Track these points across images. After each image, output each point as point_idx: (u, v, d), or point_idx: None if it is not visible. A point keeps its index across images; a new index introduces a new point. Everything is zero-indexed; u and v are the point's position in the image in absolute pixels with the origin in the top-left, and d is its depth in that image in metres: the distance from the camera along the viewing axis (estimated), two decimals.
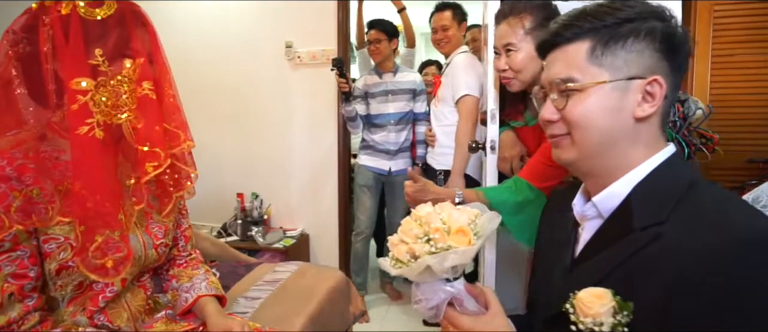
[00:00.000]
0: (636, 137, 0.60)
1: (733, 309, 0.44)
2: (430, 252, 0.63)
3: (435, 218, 0.67)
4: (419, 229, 0.66)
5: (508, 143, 1.37)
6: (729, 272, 0.44)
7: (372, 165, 2.41)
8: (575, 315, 0.57)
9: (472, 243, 0.62)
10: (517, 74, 1.16)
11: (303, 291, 1.35)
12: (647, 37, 0.59)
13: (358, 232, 2.42)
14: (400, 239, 0.69)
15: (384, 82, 2.37)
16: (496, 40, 1.19)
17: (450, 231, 0.65)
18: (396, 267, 0.67)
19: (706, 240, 0.47)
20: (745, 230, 0.46)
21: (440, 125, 2.14)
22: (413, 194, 1.11)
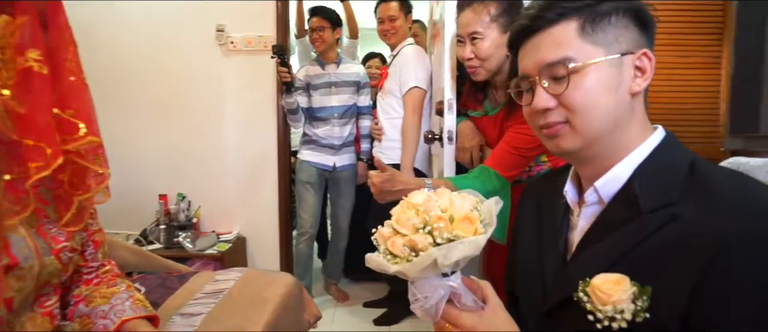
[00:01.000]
0: (632, 114, 0.59)
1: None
2: (435, 244, 0.56)
3: (433, 205, 0.60)
4: (418, 218, 0.59)
5: (468, 133, 1.35)
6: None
7: (315, 161, 2.28)
8: (591, 303, 0.54)
9: (479, 232, 0.56)
10: (483, 63, 1.14)
11: (253, 300, 1.19)
12: (627, 13, 0.58)
13: (302, 232, 2.27)
14: (395, 231, 0.61)
15: (327, 73, 2.26)
16: (461, 28, 1.16)
17: (453, 219, 0.58)
18: (393, 262, 0.59)
19: (736, 217, 0.46)
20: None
21: (388, 118, 2.09)
22: (380, 185, 1.03)
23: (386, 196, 1.05)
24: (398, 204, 0.66)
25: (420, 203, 0.62)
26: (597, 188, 0.61)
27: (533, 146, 1.12)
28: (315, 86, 2.26)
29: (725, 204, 0.48)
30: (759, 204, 0.47)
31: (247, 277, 1.34)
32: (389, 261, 0.59)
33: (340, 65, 2.29)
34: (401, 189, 1.05)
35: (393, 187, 1.04)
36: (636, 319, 0.50)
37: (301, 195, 2.29)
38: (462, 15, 1.15)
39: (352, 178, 2.38)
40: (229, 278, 1.33)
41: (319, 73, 2.26)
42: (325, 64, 2.27)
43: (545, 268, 0.68)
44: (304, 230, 2.27)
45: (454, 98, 1.40)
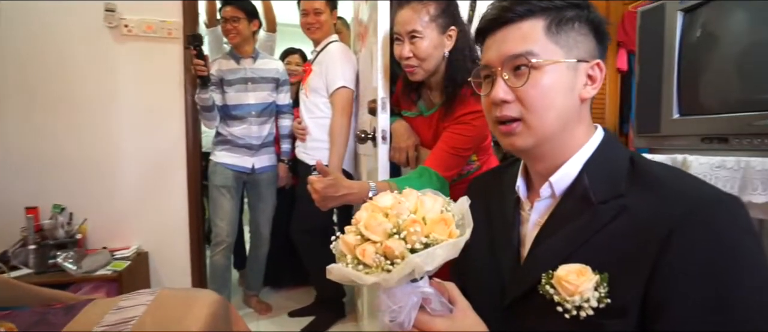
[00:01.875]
0: (579, 117, 0.63)
1: (727, 258, 0.49)
2: (412, 250, 0.52)
3: (404, 208, 0.57)
4: (390, 223, 0.55)
5: (403, 132, 1.35)
6: (714, 225, 0.49)
7: (232, 162, 2.08)
8: (558, 295, 0.56)
9: (454, 235, 0.54)
10: (422, 63, 1.14)
11: (171, 327, 1.02)
12: (587, 23, 0.62)
13: (218, 242, 2.05)
14: (363, 238, 0.56)
15: (242, 68, 2.08)
16: (399, 26, 1.15)
17: (426, 222, 0.55)
18: (366, 273, 0.54)
19: (679, 205, 0.51)
20: (708, 193, 0.52)
21: (313, 118, 2.00)
22: (323, 190, 0.97)
23: (329, 202, 0.99)
24: (361, 208, 0.62)
25: (389, 206, 0.58)
26: (551, 184, 0.64)
27: (469, 145, 1.16)
28: (229, 82, 2.06)
29: (668, 194, 0.54)
30: (695, 192, 0.53)
31: (161, 300, 1.15)
32: (362, 272, 0.54)
33: (257, 60, 2.12)
34: (345, 194, 1.00)
35: (336, 192, 0.98)
36: (600, 306, 0.54)
37: (216, 201, 2.07)
38: (400, 13, 1.13)
39: (272, 180, 2.23)
40: (137, 303, 1.12)
41: (234, 68, 2.07)
42: (241, 59, 2.08)
43: (500, 263, 0.70)
44: (220, 239, 2.05)
45: (387, 96, 1.39)
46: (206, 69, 1.83)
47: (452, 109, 1.17)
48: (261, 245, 2.26)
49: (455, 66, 1.14)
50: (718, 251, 0.49)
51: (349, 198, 1.01)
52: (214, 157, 2.10)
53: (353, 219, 0.61)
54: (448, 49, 1.15)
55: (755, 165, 0.76)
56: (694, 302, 0.49)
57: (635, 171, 0.59)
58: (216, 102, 2.04)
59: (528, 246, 0.66)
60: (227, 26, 1.99)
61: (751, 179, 0.76)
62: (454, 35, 1.15)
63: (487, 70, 0.65)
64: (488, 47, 0.66)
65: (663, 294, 0.50)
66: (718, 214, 0.50)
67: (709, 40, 0.88)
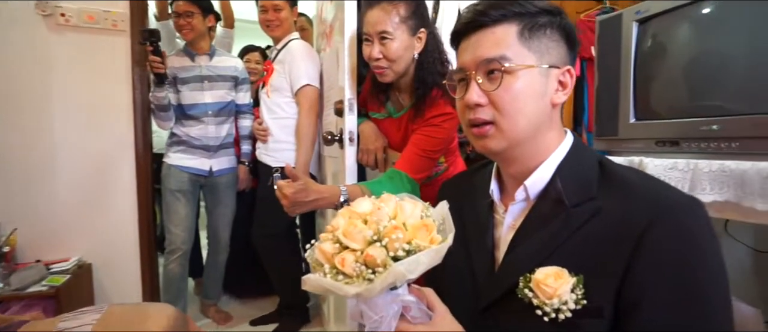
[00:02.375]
0: (550, 122, 0.65)
1: (692, 256, 0.51)
2: (395, 257, 0.51)
3: (384, 214, 0.55)
4: (370, 230, 0.53)
5: (371, 134, 1.33)
6: (680, 228, 0.52)
7: (187, 165, 1.96)
8: (537, 298, 0.57)
9: (436, 240, 0.53)
10: (392, 64, 1.13)
11: None
12: (559, 30, 0.64)
13: (173, 249, 1.92)
14: (342, 246, 0.54)
15: (197, 66, 1.96)
16: (369, 27, 1.13)
17: (407, 228, 0.54)
18: (347, 283, 0.51)
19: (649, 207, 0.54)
20: (673, 196, 0.55)
21: (275, 118, 1.93)
22: (293, 196, 0.93)
23: (298, 208, 0.96)
24: (337, 214, 0.59)
25: (368, 212, 0.56)
26: (526, 187, 0.65)
27: (440, 147, 1.16)
28: (183, 80, 1.94)
29: (637, 197, 0.56)
30: (663, 195, 0.55)
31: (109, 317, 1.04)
32: (342, 282, 0.52)
33: (214, 57, 2.01)
34: (315, 200, 0.96)
35: (306, 197, 0.95)
36: (577, 306, 0.55)
37: (170, 206, 1.94)
38: (370, 13, 1.11)
39: (232, 183, 2.13)
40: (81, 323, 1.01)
41: (188, 66, 1.95)
42: (196, 56, 1.97)
43: (475, 266, 0.70)
44: (175, 246, 1.92)
45: (354, 97, 1.36)
46: (163, 66, 1.71)
47: (422, 111, 1.17)
48: (220, 252, 2.15)
49: (425, 68, 1.14)
50: (687, 252, 0.51)
51: (319, 204, 0.98)
52: (167, 159, 1.97)
53: (329, 226, 0.59)
54: (418, 51, 1.15)
55: (703, 167, 0.82)
56: (666, 301, 0.51)
57: (605, 174, 0.62)
58: (173, 101, 1.92)
59: (502, 249, 0.67)
60: (180, 22, 1.87)
61: (700, 180, 0.82)
62: (423, 37, 1.15)
63: (461, 73, 0.66)
64: (463, 50, 0.66)
65: (636, 294, 0.52)
66: (686, 216, 0.53)
67: (660, 49, 0.94)
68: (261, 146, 2.02)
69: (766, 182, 0.71)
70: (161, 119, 1.91)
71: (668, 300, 0.51)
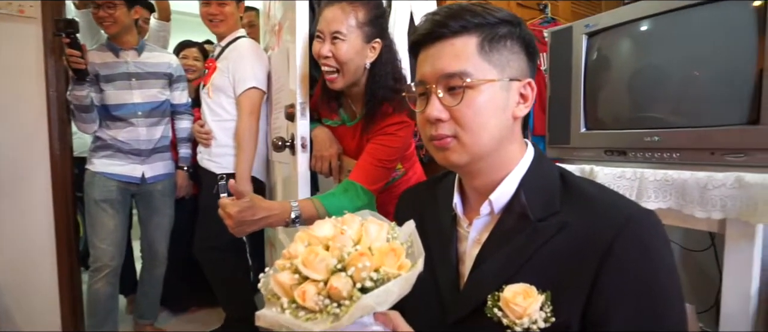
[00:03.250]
0: (512, 135, 0.64)
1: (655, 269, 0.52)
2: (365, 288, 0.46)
3: (347, 239, 0.50)
4: (333, 258, 0.48)
5: (325, 140, 1.27)
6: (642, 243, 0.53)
7: (115, 172, 1.76)
8: (507, 318, 0.55)
9: (405, 267, 0.50)
10: (342, 66, 1.08)
11: None
12: (519, 41, 0.62)
13: (99, 266, 1.71)
14: (301, 277, 0.48)
15: (123, 61, 1.76)
16: (324, 23, 1.07)
17: (374, 253, 0.50)
18: (307, 319, 0.46)
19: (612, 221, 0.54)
20: (634, 210, 0.56)
21: (218, 120, 1.79)
22: (238, 215, 0.85)
23: (245, 228, 0.87)
24: (294, 239, 0.53)
25: (330, 237, 0.51)
26: (491, 201, 0.63)
27: (395, 156, 1.13)
28: (108, 78, 1.73)
29: (601, 211, 0.56)
30: (624, 208, 0.56)
31: None
32: (303, 319, 0.46)
33: (144, 53, 1.82)
34: (264, 217, 0.89)
35: (254, 215, 0.87)
36: (545, 324, 0.54)
37: (95, 218, 1.72)
38: (328, 10, 1.06)
39: (169, 190, 1.94)
40: None
41: (113, 62, 1.74)
42: (121, 51, 1.76)
43: (439, 281, 0.67)
44: (101, 263, 1.71)
45: (306, 101, 1.29)
46: (83, 62, 1.50)
47: (374, 120, 1.13)
48: (156, 266, 1.95)
49: (377, 81, 1.10)
50: (649, 264, 0.52)
51: (269, 221, 0.90)
52: (91, 166, 1.75)
53: (285, 252, 0.53)
54: (370, 61, 1.10)
55: (648, 176, 0.86)
56: (633, 313, 0.51)
57: (566, 187, 0.62)
58: (96, 101, 1.70)
59: (468, 264, 0.65)
60: (100, 13, 1.66)
61: (646, 188, 0.86)
62: (377, 48, 1.11)
63: (421, 86, 0.63)
64: (422, 61, 0.64)
65: (603, 308, 0.52)
66: (645, 229, 0.54)
67: (607, 62, 0.98)
68: (203, 150, 1.86)
69: (704, 191, 0.76)
70: (83, 121, 1.69)
71: (635, 311, 0.52)
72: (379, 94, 1.10)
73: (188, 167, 2.02)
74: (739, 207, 0.72)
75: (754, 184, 0.70)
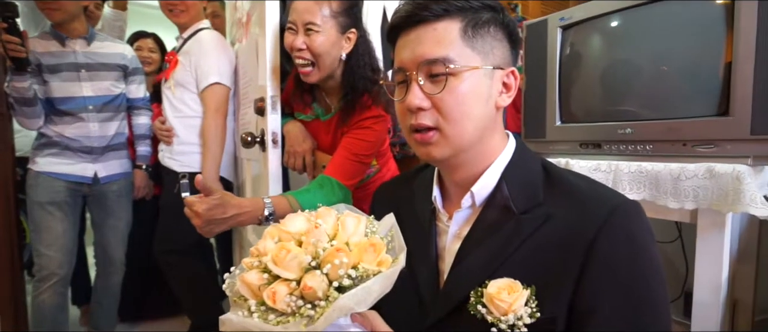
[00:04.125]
0: (495, 126, 0.62)
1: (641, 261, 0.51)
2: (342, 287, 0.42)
3: (322, 233, 0.46)
4: (307, 255, 0.43)
5: (298, 135, 1.22)
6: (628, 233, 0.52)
7: (63, 171, 1.62)
8: (491, 315, 0.53)
9: (386, 263, 0.46)
10: (317, 59, 1.04)
11: None
12: (502, 27, 0.60)
13: (45, 275, 1.56)
14: (272, 276, 0.43)
15: (70, 51, 1.62)
16: (296, 15, 1.02)
17: (351, 248, 0.46)
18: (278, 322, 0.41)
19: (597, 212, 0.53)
20: (619, 201, 0.54)
21: (180, 117, 1.68)
22: (207, 213, 0.79)
23: (215, 227, 0.81)
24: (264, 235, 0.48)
25: (303, 232, 0.46)
26: (473, 194, 0.61)
27: (371, 151, 1.10)
28: (52, 68, 1.58)
29: (584, 201, 0.55)
30: (609, 199, 0.55)
31: None
32: (273, 322, 0.41)
33: (94, 42, 1.68)
34: (234, 216, 0.83)
35: (224, 213, 0.81)
36: (532, 320, 0.52)
37: (41, 223, 1.57)
38: (300, 2, 1.02)
39: (125, 191, 1.80)
40: None
41: (58, 51, 1.59)
42: (67, 40, 1.61)
43: (419, 278, 0.65)
44: (49, 272, 1.56)
45: (277, 95, 1.23)
46: (24, 51, 1.36)
47: (351, 114, 1.09)
48: (112, 273, 1.81)
49: (355, 72, 1.07)
50: (634, 256, 0.51)
51: (240, 220, 0.84)
52: (34, 166, 1.60)
53: (254, 249, 0.48)
54: (346, 52, 1.07)
55: (623, 168, 0.87)
56: (620, 305, 0.51)
57: (549, 179, 0.60)
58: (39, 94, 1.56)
59: (448, 259, 0.63)
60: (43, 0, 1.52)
61: (621, 180, 0.86)
62: (353, 38, 1.07)
63: (401, 74, 0.60)
64: (401, 47, 0.60)
65: (590, 301, 0.51)
66: (630, 219, 0.53)
67: (582, 55, 0.99)
68: (164, 148, 1.75)
69: (677, 182, 0.77)
70: (25, 116, 1.54)
71: (622, 304, 0.51)
72: (359, 85, 1.07)
73: (147, 166, 1.89)
74: (711, 197, 0.73)
75: (724, 174, 0.72)
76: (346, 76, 1.09)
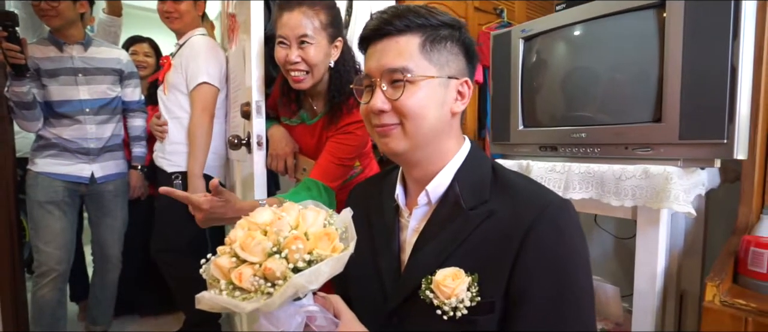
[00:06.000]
0: (450, 130, 0.69)
1: (567, 252, 0.58)
2: (295, 268, 0.50)
3: (284, 224, 0.54)
4: (269, 241, 0.51)
5: (281, 139, 1.29)
6: (557, 226, 0.59)
7: (62, 172, 1.69)
8: (437, 299, 0.60)
9: (338, 249, 0.54)
10: (312, 69, 1.10)
11: None
12: (458, 43, 0.68)
13: (44, 271, 1.63)
14: (239, 260, 0.51)
15: (67, 56, 1.69)
16: (287, 29, 1.07)
17: (309, 238, 0.53)
18: (244, 298, 0.49)
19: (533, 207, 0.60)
20: (551, 199, 0.62)
21: (173, 117, 1.76)
22: (210, 210, 0.87)
23: (212, 223, 0.89)
24: (235, 226, 0.56)
25: (268, 222, 0.54)
26: (428, 192, 0.68)
27: (354, 154, 1.17)
28: (51, 73, 1.66)
29: (523, 199, 0.62)
30: (542, 196, 0.62)
31: None
32: (238, 298, 0.49)
33: (90, 48, 1.76)
34: (234, 218, 0.90)
35: (225, 214, 0.89)
36: (472, 303, 0.59)
37: (40, 221, 1.65)
38: (289, 15, 1.07)
39: (121, 191, 1.88)
40: None
41: (56, 56, 1.67)
42: (65, 45, 1.69)
43: (382, 269, 0.71)
44: (47, 268, 1.64)
45: (262, 100, 1.31)
46: (23, 57, 1.44)
47: (338, 118, 1.16)
48: (109, 270, 1.88)
49: (342, 76, 1.14)
50: (561, 249, 0.58)
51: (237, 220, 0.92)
52: (33, 166, 1.67)
53: (227, 239, 0.55)
54: (334, 60, 1.14)
55: (575, 169, 0.94)
56: (545, 293, 0.57)
57: (496, 178, 0.67)
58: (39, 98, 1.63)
59: (407, 251, 0.69)
60: (42, 5, 1.58)
61: (572, 180, 0.94)
62: (339, 46, 1.15)
63: (368, 79, 0.68)
64: (370, 56, 0.68)
65: (521, 287, 0.58)
66: (560, 215, 0.60)
67: (541, 64, 1.07)
68: (158, 148, 1.82)
69: (619, 182, 0.85)
70: (25, 119, 1.61)
71: (548, 289, 0.57)
72: (346, 89, 1.14)
73: (142, 167, 1.96)
74: (646, 195, 0.81)
75: (657, 174, 0.79)
76: (334, 81, 1.15)
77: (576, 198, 0.92)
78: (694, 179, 0.83)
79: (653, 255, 0.83)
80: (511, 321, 0.59)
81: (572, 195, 0.92)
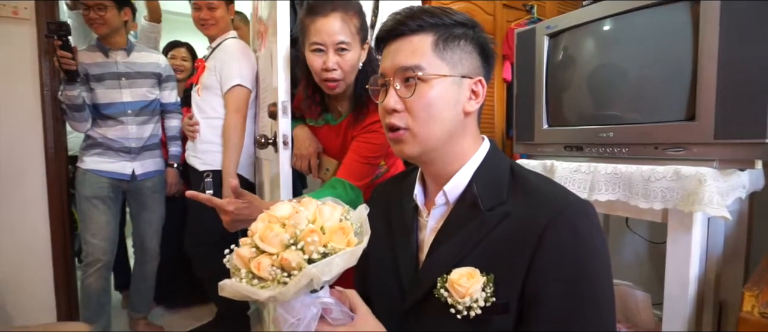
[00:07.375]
0: (464, 129, 0.68)
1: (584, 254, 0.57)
2: (309, 260, 0.52)
3: (302, 218, 0.56)
4: (287, 233, 0.53)
5: (305, 139, 1.32)
6: (575, 228, 0.57)
7: (106, 169, 1.81)
8: (451, 297, 0.60)
9: (352, 243, 0.55)
10: (346, 75, 1.11)
11: None
12: (473, 42, 0.68)
13: (91, 261, 1.76)
14: (259, 251, 0.54)
15: (113, 61, 1.82)
16: (324, 36, 1.06)
17: (325, 231, 0.55)
18: (261, 287, 0.52)
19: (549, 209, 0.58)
20: (569, 200, 0.60)
21: (205, 118, 1.84)
22: (238, 212, 0.89)
23: (240, 225, 0.91)
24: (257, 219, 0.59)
25: (286, 216, 0.57)
26: (445, 192, 0.68)
27: (379, 153, 1.18)
28: (97, 77, 1.79)
29: (539, 199, 0.61)
30: (560, 198, 0.61)
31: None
32: (256, 286, 0.51)
33: (132, 53, 1.88)
34: None
35: (250, 215, 0.90)
36: (486, 304, 0.59)
37: (87, 214, 1.78)
38: (325, 22, 1.06)
39: (159, 187, 1.99)
40: None
41: (102, 62, 1.80)
42: (110, 51, 1.82)
43: (400, 268, 0.72)
44: (94, 258, 1.76)
45: (288, 100, 1.35)
46: (74, 63, 1.56)
47: (363, 117, 1.18)
48: (148, 261, 2.01)
49: (368, 77, 1.15)
50: (579, 250, 0.56)
51: None
52: (82, 164, 1.80)
53: (249, 231, 0.58)
54: (362, 62, 1.15)
55: (601, 170, 0.91)
56: (562, 293, 0.55)
57: (514, 180, 0.66)
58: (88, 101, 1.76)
59: (425, 250, 0.69)
60: (91, 15, 1.71)
61: (598, 181, 0.91)
62: (367, 48, 1.16)
63: (382, 79, 0.69)
64: (384, 56, 0.69)
65: (536, 289, 0.56)
66: (579, 217, 0.58)
67: (567, 62, 1.04)
68: (189, 147, 1.92)
69: (647, 183, 0.82)
70: (76, 120, 1.75)
71: (564, 292, 0.55)
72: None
73: (178, 165, 2.07)
74: (677, 198, 0.77)
75: (689, 176, 0.76)
76: (360, 82, 1.16)
77: (602, 200, 0.89)
78: (733, 181, 0.78)
79: (685, 261, 0.79)
80: (526, 323, 0.58)
81: (598, 197, 0.89)
